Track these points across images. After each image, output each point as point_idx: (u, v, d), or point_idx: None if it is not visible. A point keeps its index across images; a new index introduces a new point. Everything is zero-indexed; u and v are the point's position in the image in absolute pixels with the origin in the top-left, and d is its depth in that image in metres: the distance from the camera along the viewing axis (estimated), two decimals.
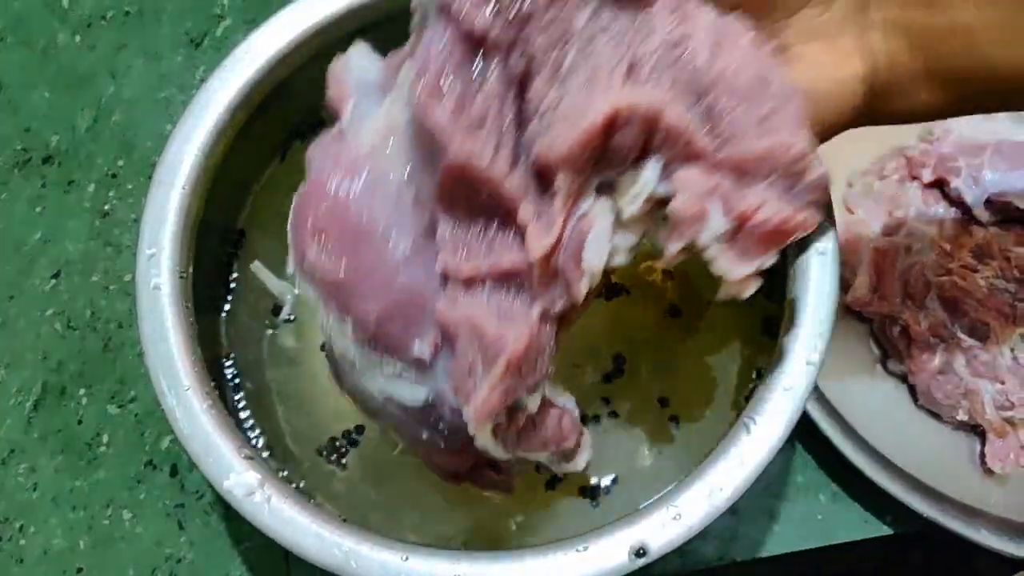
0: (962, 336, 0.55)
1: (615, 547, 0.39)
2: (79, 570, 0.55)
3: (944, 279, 0.55)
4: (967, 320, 0.55)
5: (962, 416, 0.54)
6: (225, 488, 0.41)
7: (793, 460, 0.56)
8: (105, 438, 0.58)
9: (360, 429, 0.50)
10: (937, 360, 0.54)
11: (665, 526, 0.39)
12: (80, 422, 0.58)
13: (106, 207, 0.63)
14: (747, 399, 0.45)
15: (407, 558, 0.39)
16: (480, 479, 0.43)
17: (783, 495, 0.55)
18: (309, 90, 0.52)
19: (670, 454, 0.49)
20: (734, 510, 0.54)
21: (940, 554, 0.56)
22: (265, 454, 0.49)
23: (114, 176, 0.64)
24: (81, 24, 0.68)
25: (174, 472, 0.57)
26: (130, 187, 0.64)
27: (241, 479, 0.41)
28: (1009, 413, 0.53)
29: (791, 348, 0.42)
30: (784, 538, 0.54)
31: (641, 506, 0.41)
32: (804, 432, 0.54)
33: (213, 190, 0.47)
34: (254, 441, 0.49)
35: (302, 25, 0.49)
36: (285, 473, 0.48)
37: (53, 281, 0.62)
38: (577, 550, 0.39)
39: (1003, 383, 0.54)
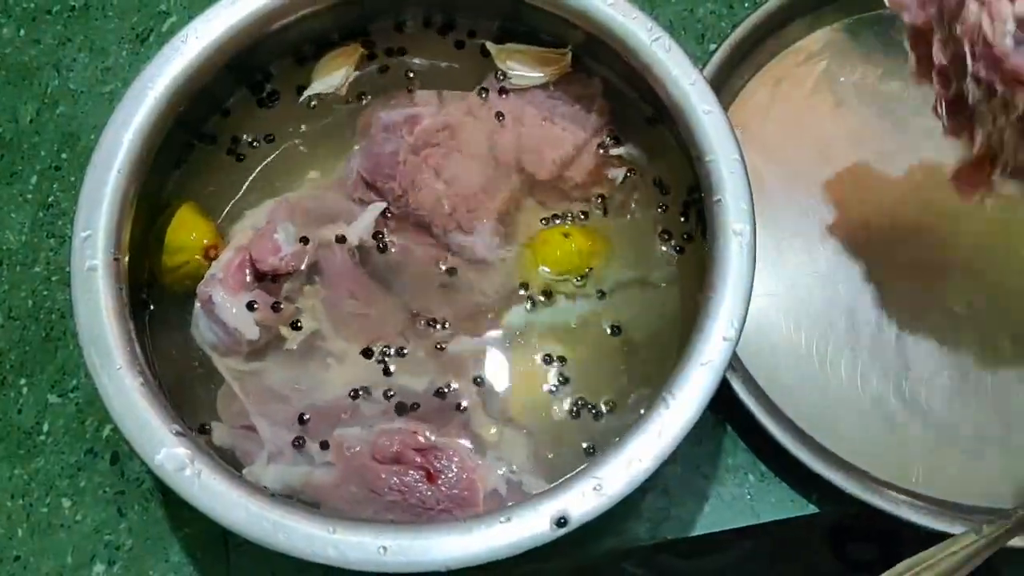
0: None
1: (537, 517, 0.40)
2: (16, 558, 0.56)
3: None
4: None
5: None
6: (156, 463, 0.42)
7: (723, 442, 0.57)
8: (45, 427, 0.58)
9: None
10: None
11: (585, 496, 0.41)
12: (20, 411, 0.59)
13: (49, 199, 0.64)
14: None
15: (334, 530, 0.40)
16: None
17: (713, 476, 0.56)
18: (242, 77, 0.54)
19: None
20: (665, 490, 0.56)
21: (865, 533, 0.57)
22: None
23: (57, 168, 0.64)
24: (26, 18, 0.69)
25: (115, 459, 0.58)
26: (73, 179, 0.64)
27: (172, 454, 0.42)
28: None
29: (708, 325, 0.43)
30: (714, 517, 0.56)
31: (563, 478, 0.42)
32: (734, 414, 0.55)
33: (148, 174, 0.48)
34: None
35: (239, 14, 0.50)
36: None
37: None
38: (500, 521, 0.40)
39: None
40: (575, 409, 0.50)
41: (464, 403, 0.49)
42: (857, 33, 0.65)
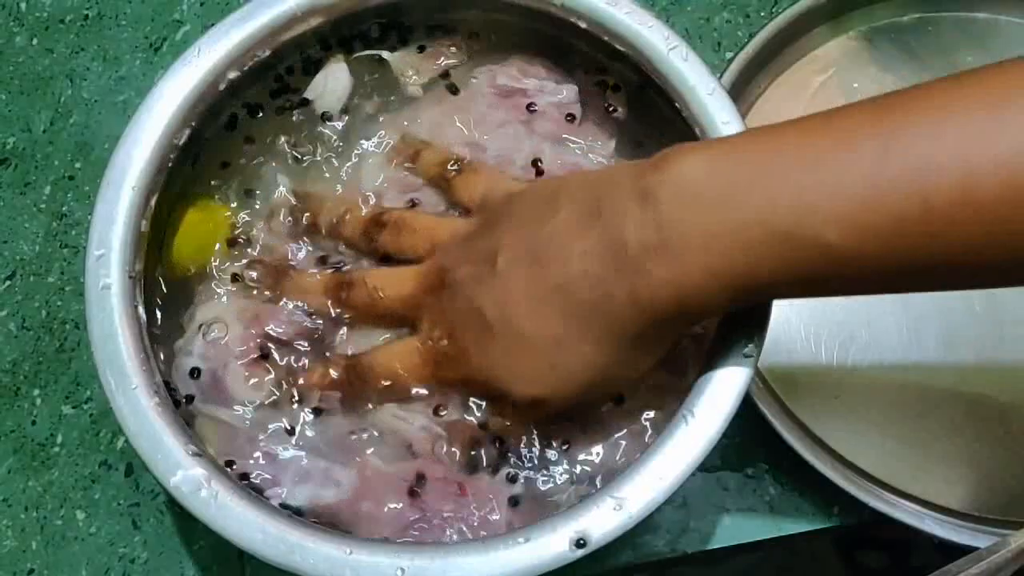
0: None
1: (556, 538, 0.40)
2: (31, 571, 0.55)
3: None
4: None
5: None
6: (172, 485, 0.41)
7: (743, 453, 0.56)
8: (59, 438, 0.58)
9: None
10: None
11: (605, 516, 0.40)
12: (34, 423, 0.58)
13: (63, 209, 0.63)
14: None
15: (351, 552, 0.40)
16: None
17: (733, 488, 0.56)
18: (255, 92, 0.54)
19: None
20: (684, 503, 0.55)
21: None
22: None
23: (71, 178, 0.64)
24: (39, 27, 0.68)
25: (129, 471, 0.57)
26: (87, 189, 0.64)
27: (188, 475, 0.41)
28: None
29: (728, 341, 0.43)
30: (733, 530, 0.55)
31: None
32: (753, 425, 0.55)
33: (163, 189, 0.48)
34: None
35: (254, 26, 0.50)
36: None
37: (8, 282, 0.62)
38: (519, 541, 0.40)
39: None
40: None
41: None
42: (875, 42, 0.64)
